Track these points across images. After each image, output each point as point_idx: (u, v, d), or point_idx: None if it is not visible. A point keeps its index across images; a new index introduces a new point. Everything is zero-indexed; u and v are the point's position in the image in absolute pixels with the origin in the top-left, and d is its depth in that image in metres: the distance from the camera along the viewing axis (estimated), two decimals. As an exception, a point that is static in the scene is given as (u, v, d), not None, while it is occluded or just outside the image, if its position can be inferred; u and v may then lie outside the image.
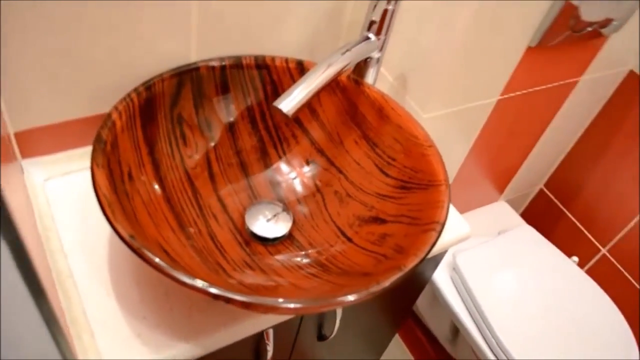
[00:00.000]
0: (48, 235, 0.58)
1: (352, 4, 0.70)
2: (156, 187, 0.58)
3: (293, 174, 0.68)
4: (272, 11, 0.65)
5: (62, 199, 0.62)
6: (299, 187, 0.67)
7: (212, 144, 0.66)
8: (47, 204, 0.61)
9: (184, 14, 0.59)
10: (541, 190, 1.25)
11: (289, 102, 0.54)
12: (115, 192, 0.50)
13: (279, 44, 0.69)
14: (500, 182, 1.12)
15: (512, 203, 1.23)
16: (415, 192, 0.60)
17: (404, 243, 0.54)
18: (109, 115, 0.55)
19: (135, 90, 0.58)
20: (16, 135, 0.61)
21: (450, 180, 0.96)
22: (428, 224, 0.53)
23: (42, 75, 0.57)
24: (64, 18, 0.54)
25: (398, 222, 0.58)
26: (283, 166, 0.68)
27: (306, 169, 0.68)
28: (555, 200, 1.23)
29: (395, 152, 0.63)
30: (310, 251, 0.61)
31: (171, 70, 0.62)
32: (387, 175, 0.64)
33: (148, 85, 0.59)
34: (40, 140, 0.63)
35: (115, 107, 0.56)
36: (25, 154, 0.63)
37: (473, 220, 1.12)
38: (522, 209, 1.30)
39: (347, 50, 0.62)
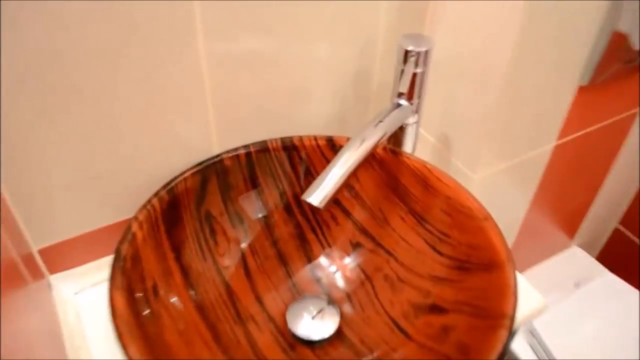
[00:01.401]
0: (79, 355, 0.54)
1: (379, 65, 0.65)
2: (186, 297, 0.53)
3: (336, 260, 0.62)
4: (293, 87, 0.60)
5: (94, 312, 0.58)
6: (344, 275, 0.61)
7: (246, 237, 0.61)
8: (77, 320, 0.57)
9: (200, 106, 0.56)
10: (617, 229, 1.13)
11: (320, 193, 0.48)
12: (136, 316, 0.46)
13: (305, 120, 0.64)
14: (570, 226, 1.02)
15: (586, 247, 1.12)
16: (475, 274, 0.52)
17: (468, 340, 0.47)
18: (128, 227, 0.51)
19: (157, 194, 0.54)
20: (41, 252, 0.58)
21: (514, 236, 0.87)
22: (495, 317, 0.46)
23: (61, 188, 0.54)
24: (78, 129, 0.51)
25: (459, 311, 0.51)
26: (325, 252, 0.62)
27: (350, 252, 0.62)
28: (634, 238, 1.11)
29: (447, 227, 0.56)
30: (363, 350, 0.54)
31: (193, 167, 0.57)
32: (440, 253, 0.56)
33: (170, 188, 0.55)
34: (67, 253, 0.60)
35: (136, 217, 0.52)
36: (52, 269, 0.60)
37: (545, 273, 1.02)
38: (597, 252, 1.19)
39: (380, 122, 0.57)
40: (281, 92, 0.60)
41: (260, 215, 0.61)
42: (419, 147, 0.73)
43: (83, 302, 0.59)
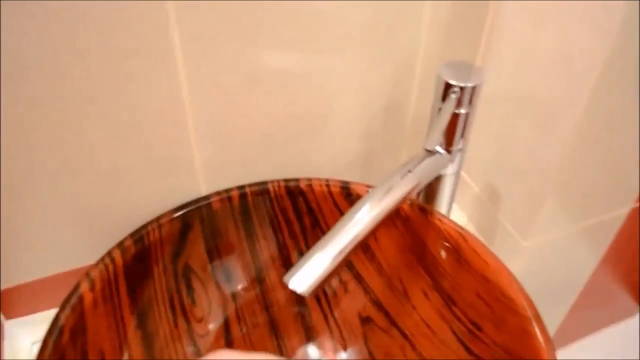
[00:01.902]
0: None
1: (416, 94, 0.53)
2: (144, 376, 0.43)
3: (341, 336, 0.50)
4: (304, 116, 0.49)
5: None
6: (348, 357, 0.49)
7: (233, 299, 0.50)
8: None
9: (180, 134, 0.45)
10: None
11: (308, 276, 0.36)
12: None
13: (317, 159, 0.53)
14: (637, 292, 0.86)
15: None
16: (511, 391, 0.39)
17: None
18: (75, 288, 0.41)
19: (120, 245, 0.44)
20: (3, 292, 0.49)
21: (570, 303, 0.72)
22: None
23: (29, 225, 0.45)
24: (49, 167, 0.41)
25: None
26: (327, 324, 0.50)
27: (359, 329, 0.50)
28: None
29: (481, 318, 0.44)
30: None
31: (172, 211, 0.47)
32: (469, 350, 0.44)
33: (139, 236, 0.45)
34: (30, 296, 0.51)
35: (87, 275, 0.42)
36: (8, 315, 0.51)
37: (606, 343, 0.87)
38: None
39: (409, 172, 0.44)
40: (289, 122, 0.49)
41: (252, 273, 0.50)
42: (458, 196, 0.60)
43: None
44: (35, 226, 0.46)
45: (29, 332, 0.51)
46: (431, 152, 0.46)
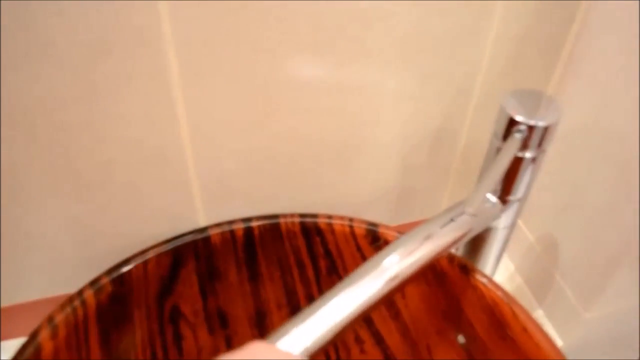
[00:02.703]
0: None
1: (470, 121, 0.44)
2: None
3: (351, 407, 0.42)
4: (328, 138, 0.41)
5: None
6: None
7: (227, 348, 0.42)
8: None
9: (176, 154, 0.37)
10: None
11: (300, 337, 0.27)
12: None
13: (341, 191, 0.44)
14: None
15: None
16: None
17: None
18: (31, 337, 0.34)
19: (93, 284, 0.37)
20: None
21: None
22: None
23: (27, 254, 0.38)
24: (39, 189, 0.34)
25: None
26: (337, 390, 0.42)
27: (373, 400, 0.42)
28: None
29: (527, 416, 0.35)
30: None
31: (162, 243, 0.39)
32: None
33: (118, 274, 0.38)
34: (18, 319, 0.44)
35: (50, 319, 0.35)
36: (5, 336, 0.45)
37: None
38: None
39: (451, 221, 0.35)
40: (310, 146, 0.40)
41: (254, 319, 0.43)
42: (509, 244, 0.50)
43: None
44: (21, 249, 0.39)
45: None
46: (482, 199, 0.37)
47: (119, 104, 0.33)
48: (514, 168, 0.36)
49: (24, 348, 0.33)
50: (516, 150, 0.35)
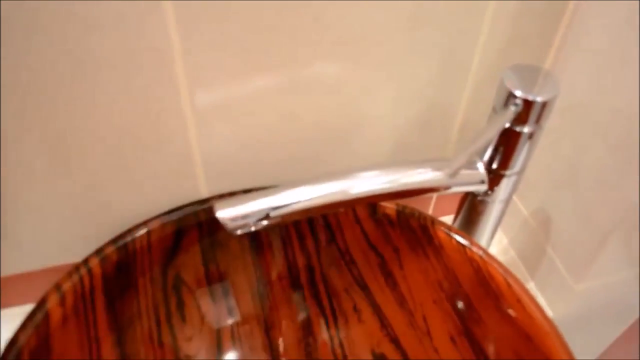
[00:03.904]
0: None
1: (468, 96, 0.44)
2: (116, 406, 0.37)
3: (349, 373, 0.43)
4: (333, 116, 0.41)
5: None
6: (355, 399, 0.43)
7: (229, 317, 0.43)
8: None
9: (177, 121, 0.38)
10: None
11: (236, 211, 0.32)
12: None
13: (344, 165, 0.45)
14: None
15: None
16: None
17: None
18: (40, 303, 0.35)
19: (99, 252, 0.37)
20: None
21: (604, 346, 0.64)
22: None
23: (19, 220, 0.39)
24: (47, 158, 0.35)
25: None
26: (334, 357, 0.44)
27: (370, 367, 0.43)
28: None
29: (518, 381, 0.36)
30: None
31: (165, 214, 0.40)
32: (499, 417, 0.37)
33: (123, 243, 0.38)
34: (17, 288, 0.45)
35: (57, 287, 0.36)
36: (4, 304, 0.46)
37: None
38: None
39: (424, 167, 0.37)
40: (308, 124, 0.41)
41: (255, 288, 0.44)
42: (506, 217, 0.51)
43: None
44: (24, 219, 0.40)
45: (12, 322, 0.46)
46: (471, 164, 0.39)
47: (120, 76, 0.33)
48: (512, 142, 0.37)
49: (33, 314, 0.34)
50: (508, 121, 0.36)
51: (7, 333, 0.44)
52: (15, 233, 0.41)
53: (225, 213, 0.33)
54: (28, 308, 0.35)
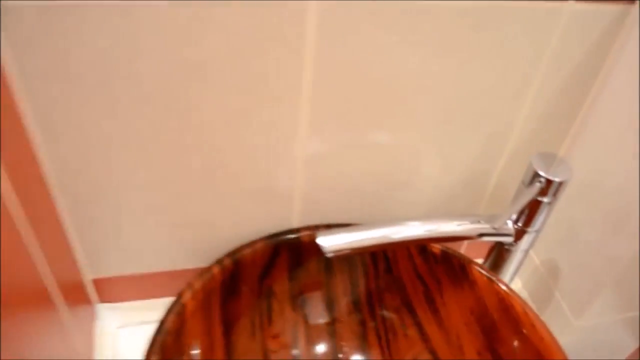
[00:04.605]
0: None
1: (501, 168, 0.57)
2: (223, 381, 0.49)
3: (394, 376, 0.55)
4: (396, 175, 0.54)
5: (130, 349, 0.55)
6: (398, 396, 0.54)
7: (304, 323, 0.55)
8: (114, 353, 0.55)
9: (287, 171, 0.51)
10: None
11: (334, 240, 0.45)
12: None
13: (398, 211, 0.58)
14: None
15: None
16: None
17: None
18: (179, 296, 0.47)
19: (219, 262, 0.50)
20: (95, 281, 0.55)
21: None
22: None
23: (127, 228, 0.51)
24: (157, 183, 0.47)
25: None
26: (383, 362, 0.56)
27: (411, 372, 0.55)
28: None
29: (529, 387, 0.48)
30: None
31: (266, 238, 0.53)
32: (513, 414, 0.48)
33: (236, 257, 0.51)
34: (120, 287, 0.57)
35: (190, 285, 0.48)
36: (102, 298, 0.58)
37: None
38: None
39: (461, 224, 0.49)
40: (380, 181, 0.54)
41: (325, 303, 0.56)
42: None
43: (123, 337, 0.56)
44: (135, 232, 0.52)
45: (117, 316, 0.58)
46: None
47: (247, 108, 0.46)
48: (534, 208, 0.50)
49: (174, 304, 0.46)
50: (535, 194, 0.49)
51: (107, 321, 0.56)
52: (125, 241, 0.53)
53: (324, 240, 0.45)
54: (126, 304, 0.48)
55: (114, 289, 0.57)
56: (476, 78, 0.48)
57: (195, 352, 0.48)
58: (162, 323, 0.45)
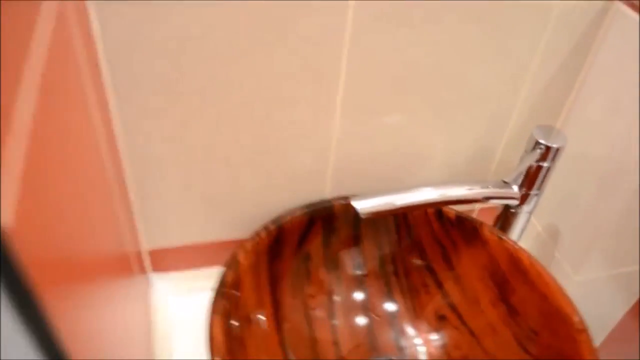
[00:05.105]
0: (164, 355, 0.58)
1: (504, 145, 0.65)
2: (273, 330, 0.56)
3: (419, 329, 0.62)
4: (413, 153, 0.62)
5: (184, 316, 0.61)
6: (424, 345, 0.61)
7: (337, 284, 0.62)
8: (168, 321, 0.61)
9: (322, 154, 0.58)
10: None
11: (369, 203, 0.52)
12: (229, 342, 0.48)
13: (418, 183, 0.65)
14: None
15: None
16: (559, 383, 0.51)
17: None
18: (234, 254, 0.54)
19: (266, 227, 0.57)
20: (150, 252, 0.62)
21: (599, 340, 0.83)
22: None
23: (180, 202, 0.59)
24: (207, 158, 0.55)
25: (535, 418, 0.50)
26: (408, 317, 0.63)
27: (434, 324, 0.62)
28: None
29: (539, 326, 0.56)
30: None
31: (304, 207, 0.60)
32: (525, 350, 0.56)
33: (280, 223, 0.58)
34: (171, 258, 0.64)
35: (242, 246, 0.55)
36: (155, 268, 0.65)
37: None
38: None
39: (472, 188, 0.57)
40: (400, 157, 0.62)
41: (354, 265, 0.63)
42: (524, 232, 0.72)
43: (176, 304, 0.63)
44: (183, 204, 0.59)
45: (169, 285, 0.65)
46: (505, 184, 0.59)
47: (291, 95, 0.54)
48: (536, 173, 0.58)
49: (230, 261, 0.54)
50: (534, 161, 0.57)
51: (159, 289, 0.63)
52: (177, 214, 0.60)
53: (358, 203, 0.53)
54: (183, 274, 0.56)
55: (166, 259, 0.64)
56: (481, 67, 0.56)
57: (246, 310, 0.55)
58: (223, 277, 0.52)
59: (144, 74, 0.47)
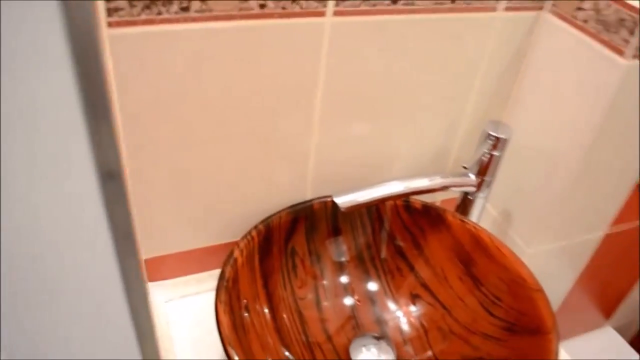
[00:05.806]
0: (168, 356, 0.63)
1: (459, 144, 0.74)
2: (269, 318, 0.62)
3: (396, 307, 0.70)
4: (381, 157, 0.70)
5: (180, 320, 0.67)
6: (401, 321, 0.69)
7: (322, 275, 0.69)
8: (167, 324, 0.66)
9: (302, 162, 0.65)
10: (653, 318, 1.17)
11: (348, 199, 0.60)
12: (234, 329, 0.54)
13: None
14: (607, 308, 1.07)
15: (620, 330, 1.16)
16: (522, 337, 0.59)
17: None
18: (231, 252, 0.60)
19: (256, 227, 0.64)
20: (145, 261, 0.68)
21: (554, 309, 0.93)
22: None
23: (168, 211, 0.64)
24: (194, 168, 0.61)
25: (505, 368, 0.58)
26: (386, 298, 0.70)
27: (410, 303, 0.70)
28: (669, 329, 1.14)
29: (501, 292, 0.64)
30: (414, 391, 0.62)
31: (288, 208, 0.67)
32: (492, 315, 0.64)
33: (267, 223, 0.65)
34: (165, 266, 0.70)
35: (237, 244, 0.61)
36: (150, 278, 0.70)
37: (577, 348, 1.07)
38: (631, 336, 1.22)
39: (434, 179, 0.65)
40: (372, 159, 0.70)
41: (335, 257, 0.70)
42: (482, 218, 0.80)
43: (171, 310, 0.68)
44: (173, 213, 0.65)
45: (163, 292, 0.70)
46: (463, 173, 0.68)
47: (269, 104, 0.61)
48: (488, 162, 0.66)
49: (228, 258, 0.60)
50: (487, 150, 0.66)
51: (159, 297, 0.68)
52: (169, 223, 0.66)
53: (339, 199, 0.60)
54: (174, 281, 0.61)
55: (160, 268, 0.69)
56: (438, 74, 0.65)
57: (245, 301, 0.61)
58: (223, 272, 0.58)
59: (140, 93, 0.54)
